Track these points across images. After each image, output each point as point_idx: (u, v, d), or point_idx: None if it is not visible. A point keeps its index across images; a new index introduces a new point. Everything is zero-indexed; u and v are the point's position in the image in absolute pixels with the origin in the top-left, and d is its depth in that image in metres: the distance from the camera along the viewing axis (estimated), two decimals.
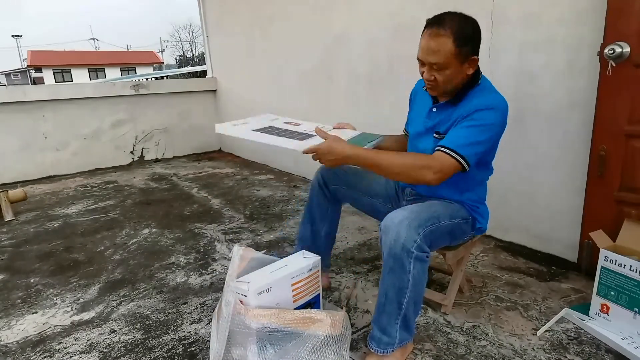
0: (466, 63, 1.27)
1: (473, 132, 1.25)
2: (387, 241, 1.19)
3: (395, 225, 1.19)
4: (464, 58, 1.25)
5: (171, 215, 2.89)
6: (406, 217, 1.20)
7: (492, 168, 1.48)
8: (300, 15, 3.46)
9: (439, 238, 1.31)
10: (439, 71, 1.27)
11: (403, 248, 1.17)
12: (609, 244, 1.50)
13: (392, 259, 1.19)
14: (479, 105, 1.27)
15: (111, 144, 4.57)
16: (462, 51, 1.24)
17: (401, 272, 1.19)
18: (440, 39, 1.22)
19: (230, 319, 1.13)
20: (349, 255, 2.14)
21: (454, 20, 1.24)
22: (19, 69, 34.10)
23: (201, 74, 13.38)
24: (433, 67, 1.27)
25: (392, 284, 1.21)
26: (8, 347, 1.50)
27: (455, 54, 1.23)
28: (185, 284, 1.91)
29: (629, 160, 1.62)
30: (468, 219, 1.42)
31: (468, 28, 1.25)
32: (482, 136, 1.26)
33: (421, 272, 1.21)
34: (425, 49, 1.26)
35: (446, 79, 1.28)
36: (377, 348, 1.27)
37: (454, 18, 1.24)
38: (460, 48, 1.23)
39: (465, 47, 1.24)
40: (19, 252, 2.36)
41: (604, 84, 1.64)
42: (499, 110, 1.28)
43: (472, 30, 1.26)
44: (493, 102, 1.28)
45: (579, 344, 1.39)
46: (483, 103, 1.27)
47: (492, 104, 1.27)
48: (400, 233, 1.17)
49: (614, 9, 1.58)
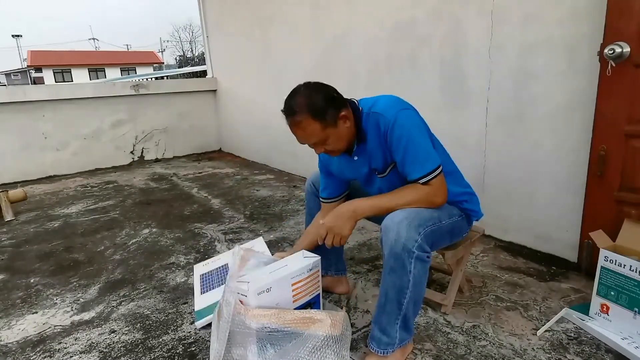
0: (339, 121, 1.27)
1: (412, 150, 1.25)
2: (388, 241, 1.19)
3: (395, 224, 1.19)
4: (333, 121, 1.25)
5: (171, 215, 2.89)
6: (406, 217, 1.20)
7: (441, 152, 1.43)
8: (300, 15, 3.46)
9: (440, 238, 1.31)
10: (323, 144, 1.29)
11: (404, 248, 1.17)
12: (609, 244, 1.50)
13: (393, 259, 1.19)
14: (384, 127, 1.26)
15: (111, 144, 4.57)
16: (327, 119, 1.24)
17: (402, 272, 1.19)
18: (302, 124, 1.24)
19: (231, 319, 1.13)
20: (349, 255, 2.14)
21: (302, 100, 1.24)
22: (19, 69, 34.10)
23: (201, 74, 13.38)
24: (316, 144, 1.29)
25: (393, 283, 1.21)
26: (8, 347, 1.50)
27: (322, 126, 1.24)
28: (185, 284, 1.91)
29: (629, 160, 1.62)
30: (462, 215, 1.41)
31: (318, 99, 1.24)
32: (419, 143, 1.26)
33: (422, 272, 1.21)
34: (299, 137, 1.29)
35: (335, 144, 1.30)
36: (377, 348, 1.27)
37: (301, 98, 1.25)
38: (323, 120, 1.24)
39: (327, 116, 1.24)
40: (19, 252, 2.36)
41: (604, 84, 1.64)
42: (397, 113, 1.25)
43: (323, 98, 1.25)
44: (388, 114, 1.26)
45: (579, 344, 1.39)
46: (385, 122, 1.26)
47: (390, 116, 1.25)
48: (400, 233, 1.17)
49: (614, 9, 1.58)
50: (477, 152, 2.24)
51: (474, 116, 2.22)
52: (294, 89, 1.30)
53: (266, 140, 4.31)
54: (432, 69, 2.39)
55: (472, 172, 2.26)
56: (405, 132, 1.25)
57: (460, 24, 2.21)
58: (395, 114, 1.25)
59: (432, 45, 2.36)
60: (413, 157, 1.25)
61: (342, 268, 1.74)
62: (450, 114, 2.34)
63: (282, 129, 4.18)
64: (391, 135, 1.26)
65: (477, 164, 2.25)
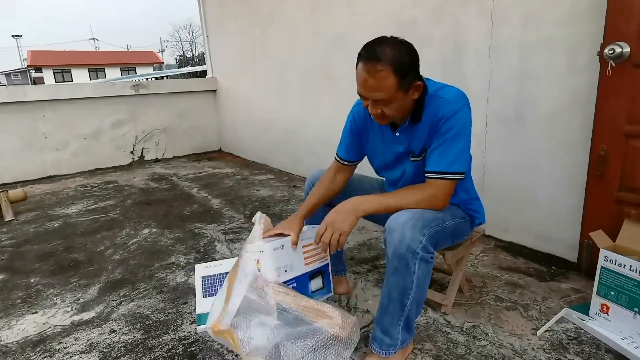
0: (411, 89, 1.22)
1: (451, 145, 1.24)
2: (392, 241, 1.18)
3: (400, 225, 1.17)
4: (407, 87, 1.19)
5: (171, 215, 2.89)
6: (411, 218, 1.19)
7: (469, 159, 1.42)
8: (300, 15, 3.46)
9: (443, 239, 1.31)
10: (386, 105, 1.21)
11: (408, 249, 1.15)
12: (609, 244, 1.50)
13: (397, 260, 1.18)
14: (444, 113, 1.23)
15: (111, 144, 4.57)
16: (405, 82, 1.18)
17: (406, 273, 1.18)
18: (379, 74, 1.14)
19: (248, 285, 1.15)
20: (349, 255, 2.14)
21: (390, 51, 1.15)
22: (19, 69, 34.10)
23: (201, 74, 13.38)
24: (378, 102, 1.21)
25: (397, 284, 1.20)
26: (8, 347, 1.50)
27: (398, 86, 1.16)
28: (185, 284, 1.91)
29: (629, 160, 1.62)
30: (465, 217, 1.42)
31: (405, 56, 1.17)
32: (461, 142, 1.25)
33: (425, 273, 1.20)
34: (365, 85, 1.19)
35: (394, 111, 1.23)
36: (379, 350, 1.26)
37: (390, 48, 1.15)
38: (401, 80, 1.16)
39: (407, 77, 1.17)
40: (19, 252, 2.36)
41: (604, 84, 1.64)
42: (462, 107, 1.25)
43: (409, 58, 1.18)
44: (454, 103, 1.24)
45: (579, 344, 1.39)
46: (446, 109, 1.23)
47: (455, 106, 1.24)
48: (405, 234, 1.16)
49: (614, 9, 1.58)
50: (477, 152, 2.24)
51: (474, 116, 2.18)
52: (380, 37, 1.19)
53: (266, 140, 4.31)
54: (432, 69, 2.39)
55: (472, 172, 2.25)
56: (457, 126, 1.23)
57: (460, 24, 2.21)
58: (461, 106, 1.24)
59: (432, 45, 2.36)
60: (447, 151, 1.24)
61: (342, 268, 1.74)
62: None
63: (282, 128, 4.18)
64: (445, 123, 1.23)
65: (477, 164, 2.25)
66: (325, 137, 3.40)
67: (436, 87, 1.30)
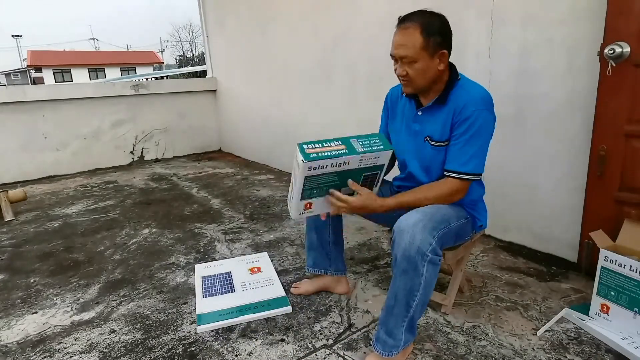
0: (436, 57, 1.28)
1: (472, 143, 1.28)
2: (402, 243, 1.17)
3: (410, 227, 1.17)
4: (432, 50, 1.27)
5: (171, 215, 2.89)
6: (420, 220, 1.19)
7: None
8: (299, 15, 3.46)
9: (448, 240, 1.31)
10: (410, 65, 1.29)
11: (418, 251, 1.15)
12: (609, 244, 1.50)
13: (406, 262, 1.17)
14: (468, 103, 1.28)
15: (111, 144, 4.57)
16: (430, 42, 1.25)
17: (414, 275, 1.18)
18: (408, 30, 1.26)
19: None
20: (349, 255, 2.13)
21: (423, 15, 1.28)
22: (19, 69, 34.08)
23: (201, 74, 13.37)
24: (404, 60, 1.29)
25: (404, 286, 1.20)
26: (8, 347, 1.50)
27: (423, 45, 1.25)
28: (185, 284, 1.91)
29: (629, 160, 1.62)
30: (468, 218, 1.42)
31: (435, 21, 1.28)
32: (479, 141, 1.29)
33: (433, 275, 1.20)
34: (395, 43, 1.30)
35: (418, 73, 1.29)
36: (382, 351, 1.26)
37: (423, 13, 1.29)
38: (427, 39, 1.25)
39: (432, 38, 1.25)
40: (19, 252, 2.36)
41: (604, 84, 1.64)
42: (484, 110, 1.28)
43: (440, 24, 1.28)
44: (481, 100, 1.29)
45: (579, 344, 1.39)
46: (472, 102, 1.28)
47: (477, 107, 1.27)
48: (415, 236, 1.16)
49: (614, 9, 1.58)
50: None
51: None
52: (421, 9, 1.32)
53: (266, 140, 4.31)
54: None
55: None
56: (475, 126, 1.27)
57: (460, 24, 2.20)
58: (483, 109, 1.28)
59: None
60: (462, 150, 1.29)
61: (342, 268, 1.74)
62: None
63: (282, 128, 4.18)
64: (464, 121, 1.28)
65: None
66: (325, 136, 3.38)
67: (469, 81, 1.36)
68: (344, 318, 1.59)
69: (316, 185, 1.31)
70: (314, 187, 1.31)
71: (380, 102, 1.62)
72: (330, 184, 1.32)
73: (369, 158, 1.28)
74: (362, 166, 1.29)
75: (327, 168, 1.25)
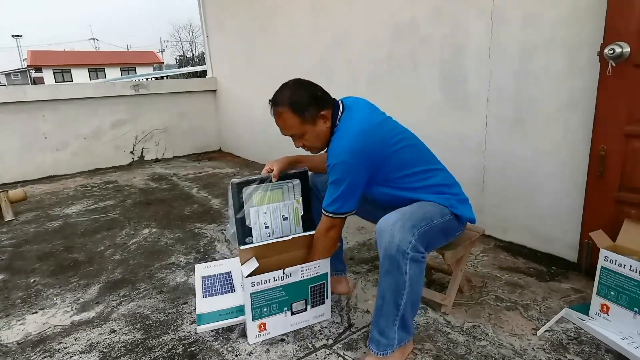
0: (318, 121, 1.36)
1: (334, 188, 1.33)
2: (382, 243, 1.20)
3: (389, 227, 1.20)
4: (311, 119, 1.35)
5: (171, 215, 2.89)
6: (399, 219, 1.21)
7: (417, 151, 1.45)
8: (300, 15, 3.46)
9: (435, 238, 1.31)
10: (302, 138, 1.39)
11: (398, 249, 1.17)
12: (609, 244, 1.50)
13: (388, 261, 1.20)
14: (329, 155, 1.35)
15: (111, 144, 4.57)
16: (306, 115, 1.34)
17: (397, 274, 1.20)
18: (282, 115, 1.35)
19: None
20: (348, 255, 2.14)
21: (289, 91, 1.36)
22: (19, 69, 34.07)
23: (201, 74, 13.36)
24: (295, 136, 1.40)
25: (389, 285, 1.22)
26: (8, 347, 1.50)
27: (301, 121, 1.34)
28: (185, 284, 1.91)
29: (629, 160, 1.62)
30: (452, 214, 1.38)
31: (301, 93, 1.35)
32: (342, 187, 1.31)
33: (417, 273, 1.22)
34: (279, 127, 1.40)
35: (312, 140, 1.40)
36: (376, 350, 1.28)
37: (289, 89, 1.37)
38: (302, 114, 1.34)
39: (306, 112, 1.34)
40: (19, 252, 2.36)
41: (604, 84, 1.64)
42: (338, 162, 1.30)
43: (305, 93, 1.36)
44: (335, 157, 1.31)
45: (579, 344, 1.39)
46: (331, 154, 1.34)
47: (340, 155, 1.30)
48: (394, 235, 1.18)
49: (614, 9, 1.58)
50: (477, 152, 2.24)
51: (474, 116, 2.22)
52: (285, 82, 1.41)
53: (266, 141, 4.31)
54: (432, 69, 2.39)
55: (473, 173, 2.27)
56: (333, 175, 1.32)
57: (460, 24, 2.21)
58: (337, 162, 1.30)
59: (432, 45, 2.36)
60: (328, 194, 1.36)
61: (342, 268, 1.74)
62: (450, 114, 2.34)
63: None
64: (329, 168, 1.34)
65: (477, 164, 2.25)
66: None
67: (343, 126, 1.37)
68: (344, 318, 1.59)
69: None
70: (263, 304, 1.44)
71: (380, 102, 1.62)
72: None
73: None
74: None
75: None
